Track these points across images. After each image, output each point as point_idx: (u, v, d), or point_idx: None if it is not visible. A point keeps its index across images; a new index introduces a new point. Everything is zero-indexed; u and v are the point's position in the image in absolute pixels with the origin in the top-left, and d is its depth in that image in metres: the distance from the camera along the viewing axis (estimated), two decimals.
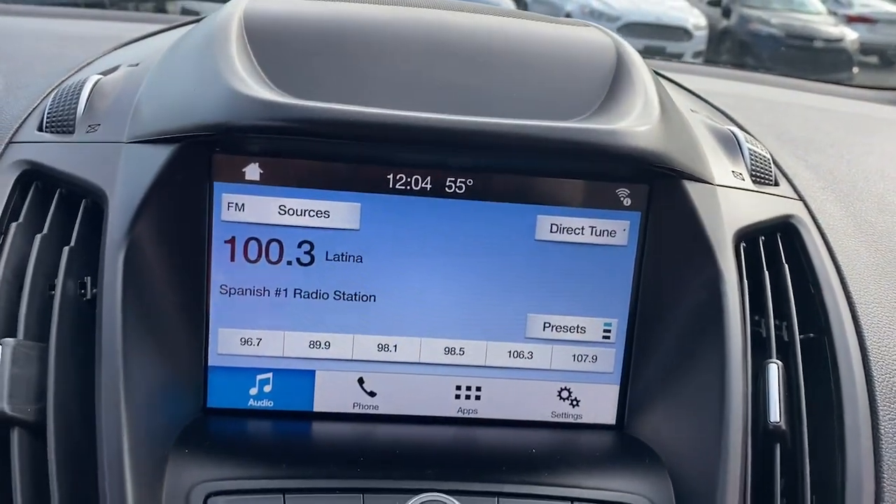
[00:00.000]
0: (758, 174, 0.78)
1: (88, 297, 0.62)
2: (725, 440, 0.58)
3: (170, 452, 0.59)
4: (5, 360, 0.56)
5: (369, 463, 0.61)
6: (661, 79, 0.84)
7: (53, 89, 0.79)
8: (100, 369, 0.56)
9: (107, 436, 0.54)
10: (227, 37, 0.66)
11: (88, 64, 0.88)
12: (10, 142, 0.71)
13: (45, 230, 0.64)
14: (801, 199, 0.79)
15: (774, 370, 0.63)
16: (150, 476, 0.55)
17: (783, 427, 0.61)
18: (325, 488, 0.57)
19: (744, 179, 0.76)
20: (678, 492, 0.60)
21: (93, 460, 0.55)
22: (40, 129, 0.72)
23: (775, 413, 0.61)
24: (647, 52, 0.68)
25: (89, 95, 0.72)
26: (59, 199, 0.66)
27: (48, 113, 0.72)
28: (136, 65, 0.79)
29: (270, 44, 0.66)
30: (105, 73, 0.78)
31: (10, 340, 0.57)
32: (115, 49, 0.93)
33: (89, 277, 0.63)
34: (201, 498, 0.56)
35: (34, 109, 0.75)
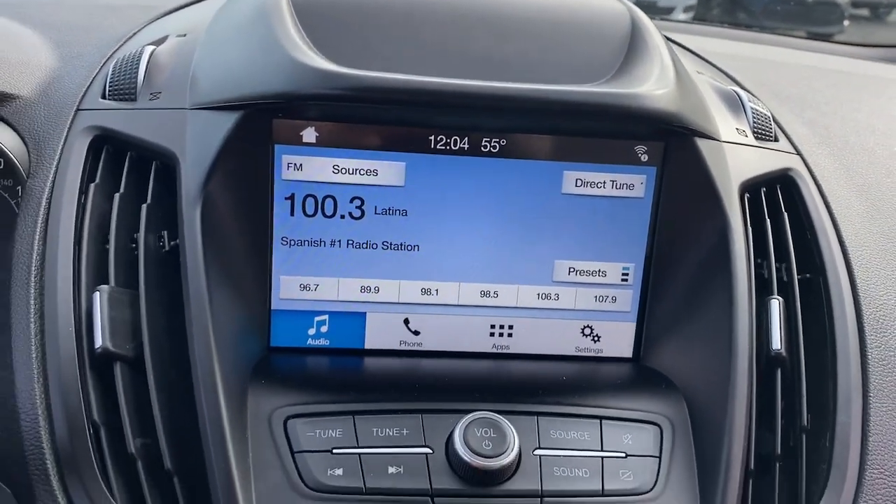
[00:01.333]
0: (759, 131, 0.86)
1: (167, 248, 0.69)
2: (734, 366, 0.66)
3: (248, 384, 0.67)
4: (103, 303, 0.63)
5: (421, 390, 0.69)
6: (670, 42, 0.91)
7: (107, 59, 0.85)
8: (189, 308, 0.63)
9: (201, 365, 0.61)
10: (279, 8, 0.72)
11: (134, 34, 0.93)
12: (78, 109, 0.77)
13: (122, 189, 0.71)
14: (799, 153, 0.87)
15: (776, 305, 0.71)
16: (237, 402, 0.63)
17: (784, 354, 0.69)
18: (387, 410, 0.65)
19: (747, 136, 0.83)
20: (692, 412, 0.69)
21: (187, 391, 0.62)
22: (104, 96, 0.78)
23: (777, 342, 0.69)
24: (639, 5, 0.73)
25: (147, 65, 0.78)
26: (130, 161, 0.73)
27: (110, 82, 0.78)
28: (184, 35, 0.85)
29: (315, 16, 0.72)
30: (156, 44, 0.84)
31: (104, 287, 0.65)
32: (156, 19, 0.98)
33: (166, 231, 0.70)
34: (281, 421, 0.64)
35: (94, 78, 0.81)
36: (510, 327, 0.78)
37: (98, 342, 0.62)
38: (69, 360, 0.61)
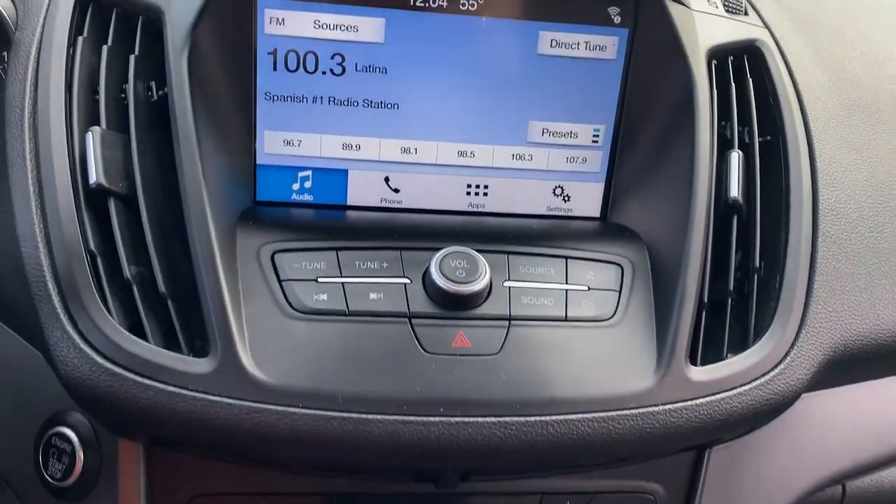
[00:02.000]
0: (730, 4, 0.88)
1: (155, 97, 0.72)
2: (693, 210, 0.71)
3: (236, 225, 0.71)
4: (95, 142, 0.66)
5: (400, 233, 0.73)
6: None
7: None
8: (178, 149, 0.66)
9: (192, 199, 0.65)
10: None
11: None
12: None
13: (109, 42, 0.73)
14: (767, 27, 0.90)
15: (735, 157, 0.75)
16: (227, 239, 0.67)
17: (740, 202, 0.74)
18: (368, 247, 0.69)
19: (717, 7, 0.86)
20: (653, 255, 0.73)
21: (178, 228, 0.66)
22: None
23: (734, 190, 0.74)
24: None
25: None
26: (116, 16, 0.75)
27: None
28: None
29: None
30: None
31: (96, 128, 0.68)
32: None
33: (153, 82, 0.72)
34: (269, 255, 0.68)
35: None
36: (486, 187, 0.82)
37: (92, 178, 0.65)
38: (65, 194, 0.65)
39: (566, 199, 0.83)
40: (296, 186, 0.79)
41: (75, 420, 0.71)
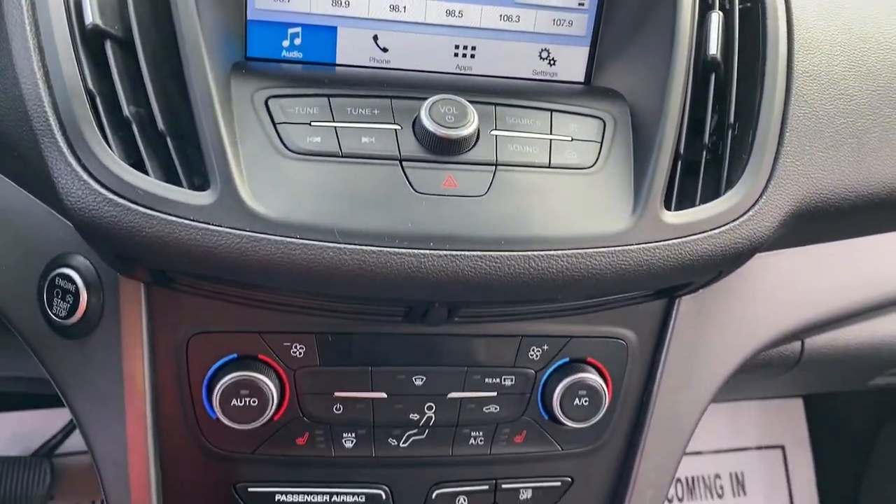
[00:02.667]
0: None
1: None
2: (672, 67, 0.73)
3: (230, 73, 0.72)
4: None
5: (391, 85, 0.75)
6: None
7: None
8: None
9: (189, 41, 0.66)
10: None
11: None
12: None
13: None
14: None
15: (715, 17, 0.78)
16: (222, 83, 0.69)
17: (718, 59, 0.76)
18: (359, 94, 0.71)
19: None
20: (634, 112, 0.76)
21: (175, 71, 0.67)
22: None
23: (713, 47, 0.76)
24: None
25: None
26: None
27: None
28: None
29: None
30: None
31: None
32: None
33: None
34: (263, 100, 0.70)
35: None
36: (473, 48, 0.83)
37: (88, 18, 0.66)
38: (62, 34, 0.66)
39: (552, 62, 0.85)
40: (285, 43, 0.80)
41: (78, 262, 0.74)
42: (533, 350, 0.81)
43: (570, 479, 0.87)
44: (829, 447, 1.94)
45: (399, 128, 0.70)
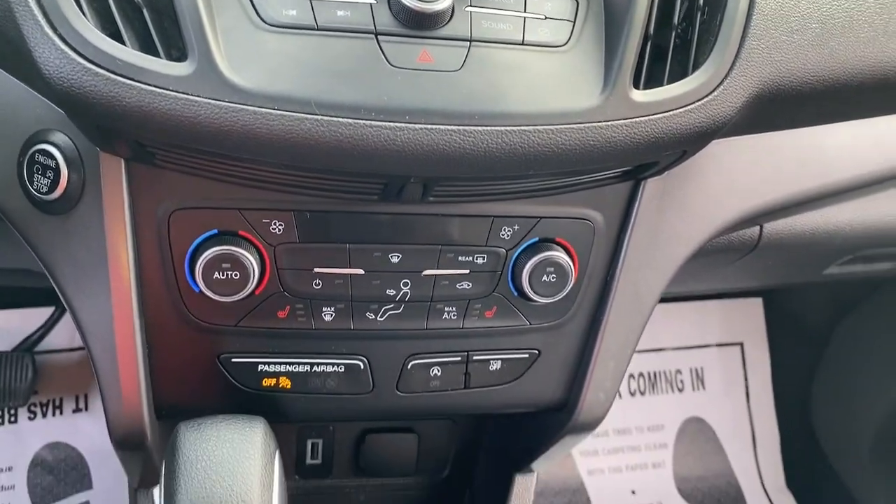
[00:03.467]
0: None
1: None
2: None
3: None
4: None
5: None
6: None
7: None
8: None
9: None
10: None
11: None
12: None
13: None
14: None
15: None
16: None
17: None
18: None
19: None
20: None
21: None
22: None
23: None
24: None
25: None
26: None
27: None
28: None
29: None
30: None
31: None
32: None
33: None
34: None
35: None
36: None
37: None
38: None
39: None
40: None
41: (57, 139, 0.75)
42: (504, 230, 0.84)
43: (537, 352, 0.92)
44: (785, 344, 2.04)
45: (374, 2, 0.70)
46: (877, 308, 1.84)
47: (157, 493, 0.70)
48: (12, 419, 1.68)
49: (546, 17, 0.74)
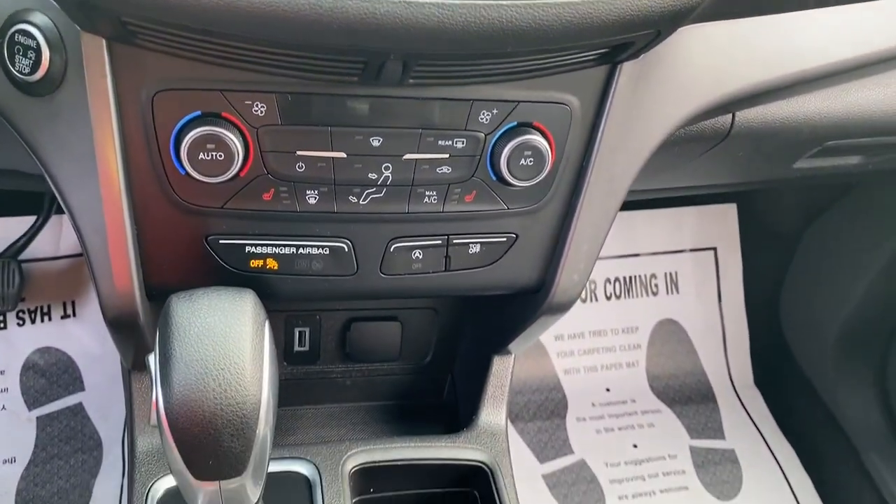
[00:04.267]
0: None
1: None
2: None
3: None
4: None
5: None
6: None
7: None
8: None
9: None
10: None
11: None
12: None
13: None
14: None
15: None
16: None
17: None
18: None
19: None
20: None
21: None
22: None
23: None
24: None
25: None
26: None
27: None
28: None
29: None
30: None
31: None
32: None
33: None
34: None
35: None
36: None
37: None
38: None
39: None
40: None
41: (38, 19, 0.75)
42: (483, 114, 0.86)
43: (514, 236, 0.95)
44: (758, 248, 2.10)
45: None
46: (845, 212, 1.90)
47: (153, 360, 0.73)
48: (1, 325, 1.71)
49: None
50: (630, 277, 2.08)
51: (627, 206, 1.04)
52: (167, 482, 0.94)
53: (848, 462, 1.85)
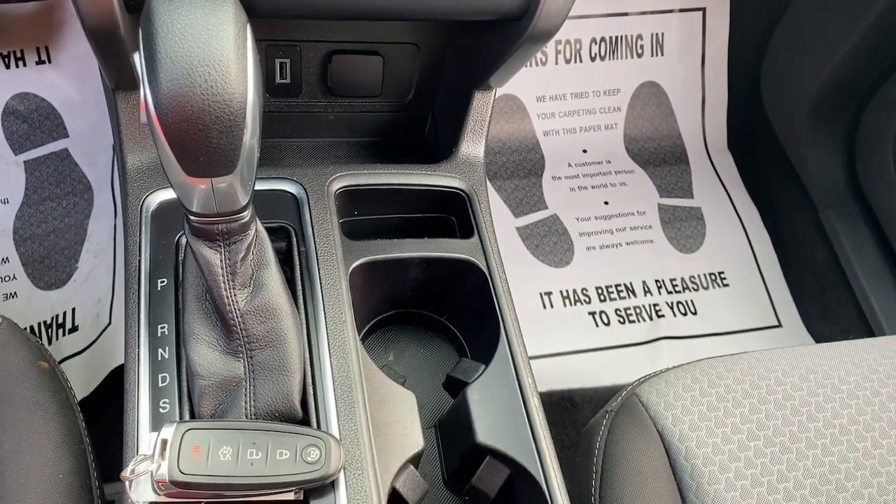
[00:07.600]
0: None
1: None
2: None
3: None
4: None
5: None
6: None
7: None
8: None
9: None
10: None
11: None
12: None
13: None
14: None
15: None
16: None
17: None
18: None
19: None
20: None
21: None
22: None
23: None
24: None
25: None
26: None
27: None
28: None
29: None
30: None
31: None
32: None
33: None
34: None
35: None
36: None
37: None
38: None
39: None
40: None
41: None
42: None
43: None
44: (746, 11, 2.05)
45: None
46: None
47: (137, 59, 0.74)
48: None
49: None
50: (616, 38, 2.05)
51: None
52: (160, 195, 0.99)
53: (806, 219, 1.96)
